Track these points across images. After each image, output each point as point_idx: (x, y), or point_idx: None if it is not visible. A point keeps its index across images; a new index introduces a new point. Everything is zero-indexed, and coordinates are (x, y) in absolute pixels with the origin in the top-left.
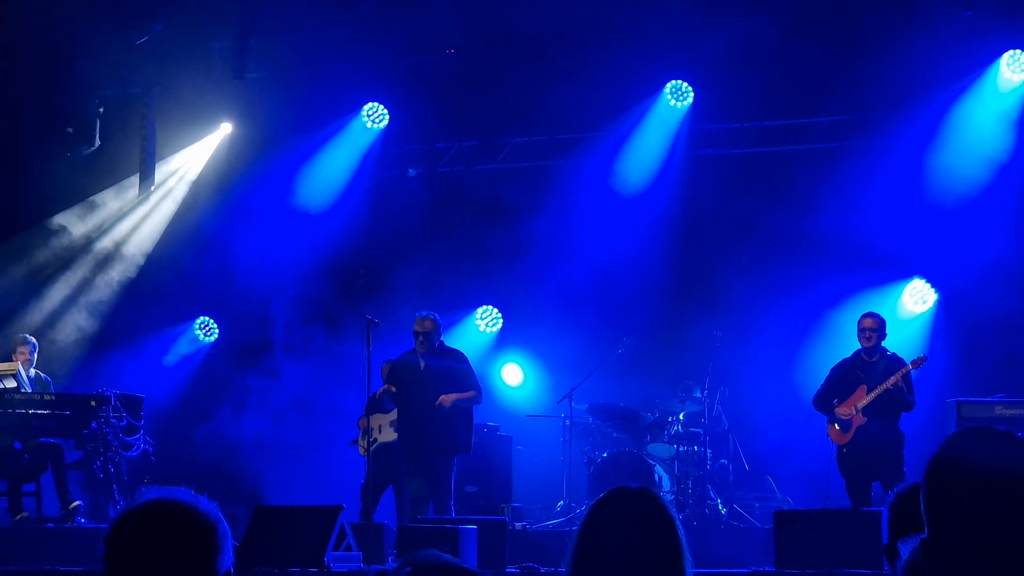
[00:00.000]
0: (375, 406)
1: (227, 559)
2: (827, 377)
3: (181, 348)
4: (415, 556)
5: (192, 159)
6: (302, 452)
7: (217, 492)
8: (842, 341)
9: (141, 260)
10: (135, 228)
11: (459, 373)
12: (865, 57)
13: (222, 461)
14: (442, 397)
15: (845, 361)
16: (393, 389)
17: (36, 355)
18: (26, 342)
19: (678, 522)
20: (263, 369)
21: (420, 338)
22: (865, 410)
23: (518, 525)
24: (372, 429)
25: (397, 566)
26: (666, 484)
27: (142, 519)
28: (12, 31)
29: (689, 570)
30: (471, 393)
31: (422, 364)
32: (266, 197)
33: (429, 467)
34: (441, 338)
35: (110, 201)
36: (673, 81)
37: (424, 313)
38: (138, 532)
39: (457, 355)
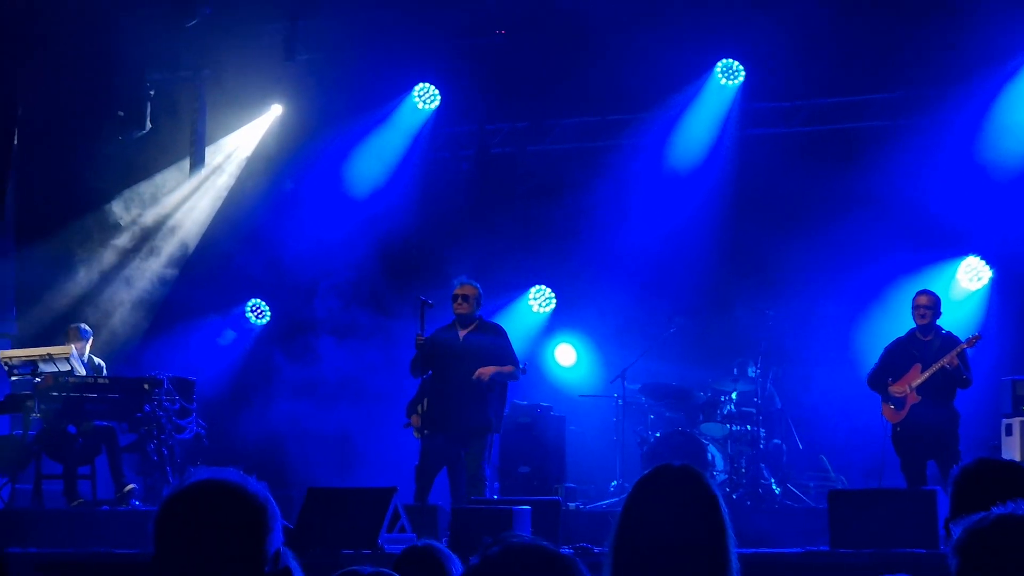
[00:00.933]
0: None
1: (276, 539)
2: (881, 356)
3: (232, 331)
4: (505, 535)
5: (243, 141)
6: (355, 434)
7: (270, 474)
8: (896, 319)
9: (192, 242)
10: (186, 211)
11: (498, 348)
12: (919, 32)
13: (275, 443)
14: (480, 370)
15: (899, 340)
16: (421, 338)
17: (90, 343)
18: (81, 336)
19: (721, 500)
20: (315, 352)
21: (459, 300)
22: (919, 389)
23: (571, 505)
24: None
25: (488, 543)
26: (719, 464)
27: (191, 500)
28: (63, 16)
29: (733, 548)
30: (510, 368)
31: (461, 338)
32: (317, 179)
33: (463, 446)
34: (480, 312)
35: (161, 184)
36: (724, 60)
37: (466, 279)
38: (187, 513)
39: (496, 329)
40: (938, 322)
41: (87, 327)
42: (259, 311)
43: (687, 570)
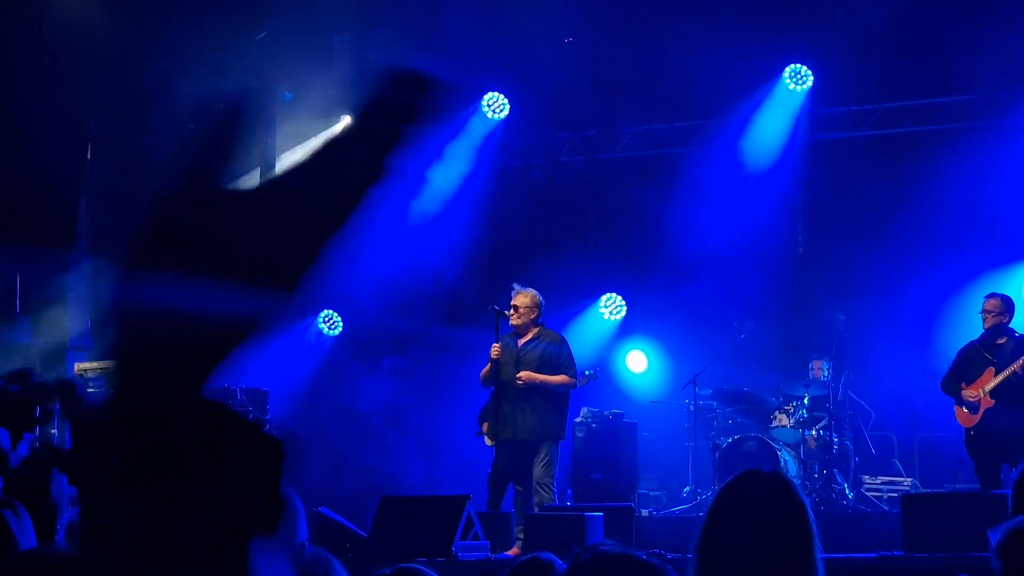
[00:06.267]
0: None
1: (301, 533)
2: (954, 359)
3: (306, 342)
4: (596, 544)
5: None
6: (429, 443)
7: (345, 483)
8: (970, 322)
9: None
10: None
11: (556, 356)
12: (988, 34)
13: (349, 453)
14: (523, 374)
15: (972, 343)
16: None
17: None
18: None
19: (809, 507)
20: (388, 362)
21: (511, 310)
22: (993, 392)
23: (644, 511)
24: None
25: (577, 551)
26: (792, 469)
27: None
28: (132, 32)
29: (819, 555)
30: (562, 378)
31: (519, 345)
32: (387, 189)
33: (527, 454)
34: (540, 319)
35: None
36: (792, 65)
37: (519, 286)
38: None
39: (555, 338)
40: (1012, 324)
41: None
42: (332, 322)
43: None
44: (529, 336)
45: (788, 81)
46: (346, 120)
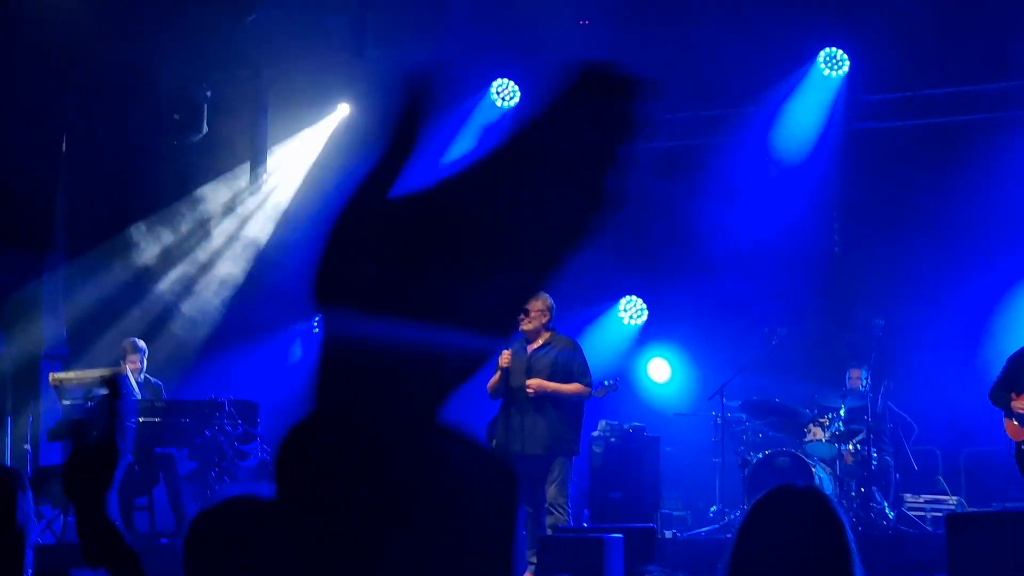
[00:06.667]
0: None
1: None
2: (1003, 368)
3: (299, 348)
4: (642, 570)
5: (308, 144)
6: None
7: None
8: (1021, 328)
9: (255, 253)
10: (247, 220)
11: (569, 364)
12: None
13: None
14: (532, 381)
15: (1022, 350)
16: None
17: (146, 360)
18: (136, 349)
19: (847, 525)
20: None
21: (521, 315)
22: None
23: (668, 533)
24: None
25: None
26: (827, 486)
27: (218, 518)
28: (112, 14)
29: None
30: (576, 387)
31: (528, 352)
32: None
33: (538, 470)
34: (552, 325)
35: (220, 191)
36: (827, 49)
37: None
38: (215, 530)
39: (568, 343)
40: None
41: (142, 342)
42: None
43: None
44: (540, 342)
45: (823, 66)
46: (344, 109)
